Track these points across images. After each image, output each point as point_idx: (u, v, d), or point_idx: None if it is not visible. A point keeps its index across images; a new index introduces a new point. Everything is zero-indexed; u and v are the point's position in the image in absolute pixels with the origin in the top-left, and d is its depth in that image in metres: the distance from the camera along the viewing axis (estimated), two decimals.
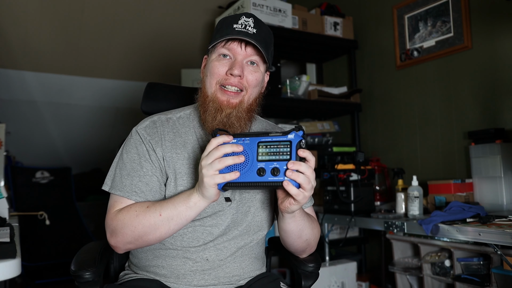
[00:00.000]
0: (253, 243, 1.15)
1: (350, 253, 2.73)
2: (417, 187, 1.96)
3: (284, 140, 0.92)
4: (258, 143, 0.93)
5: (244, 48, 1.07)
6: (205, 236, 1.08)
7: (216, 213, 1.09)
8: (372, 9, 2.78)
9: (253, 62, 1.09)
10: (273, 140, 0.92)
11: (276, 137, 0.93)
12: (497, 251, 1.56)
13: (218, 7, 3.09)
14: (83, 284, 1.05)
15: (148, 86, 1.43)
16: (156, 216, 0.98)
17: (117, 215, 1.03)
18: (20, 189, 3.67)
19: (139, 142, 1.10)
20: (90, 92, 3.89)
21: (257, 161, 0.92)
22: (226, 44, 1.07)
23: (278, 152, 0.91)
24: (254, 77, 1.08)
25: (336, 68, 3.09)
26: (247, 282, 1.14)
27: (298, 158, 0.90)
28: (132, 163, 1.07)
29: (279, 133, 0.93)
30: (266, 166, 0.91)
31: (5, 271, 0.89)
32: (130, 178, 1.06)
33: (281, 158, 0.90)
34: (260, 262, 1.20)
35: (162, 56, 3.78)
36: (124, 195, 1.05)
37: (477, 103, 2.15)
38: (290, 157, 0.90)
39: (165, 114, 1.17)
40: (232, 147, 0.92)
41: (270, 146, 0.92)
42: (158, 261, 1.10)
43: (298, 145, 0.91)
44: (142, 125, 1.13)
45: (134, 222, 1.00)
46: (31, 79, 3.60)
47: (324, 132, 2.81)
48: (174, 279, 1.08)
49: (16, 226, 1.49)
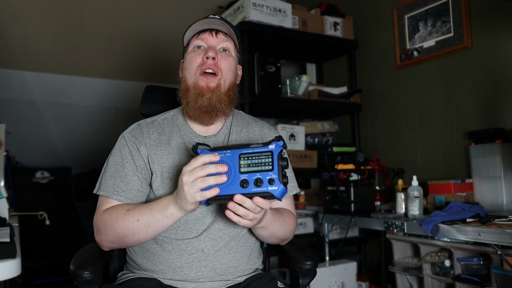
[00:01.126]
0: (244, 231, 1.18)
1: (350, 253, 2.73)
2: (417, 187, 1.96)
3: (265, 151, 0.93)
4: (240, 155, 0.94)
5: (215, 35, 1.18)
6: (198, 226, 1.12)
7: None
8: (372, 9, 2.78)
9: (225, 49, 1.19)
10: (255, 152, 0.93)
11: (257, 148, 0.94)
12: (497, 251, 1.56)
13: (218, 7, 3.09)
14: (82, 283, 1.06)
15: (146, 89, 1.47)
16: (134, 221, 1.03)
17: (101, 215, 1.10)
18: (20, 189, 3.67)
19: (123, 145, 1.17)
20: (90, 92, 3.89)
21: (239, 173, 0.93)
22: (199, 35, 1.18)
23: (260, 163, 0.92)
24: (227, 61, 1.17)
25: (336, 68, 3.09)
26: (245, 280, 1.14)
27: (280, 167, 0.91)
28: (116, 165, 1.14)
29: (259, 144, 0.94)
30: (249, 178, 0.92)
31: (5, 271, 0.89)
32: (113, 179, 1.13)
33: (264, 169, 0.91)
34: (255, 255, 1.22)
35: (162, 56, 3.78)
36: (107, 195, 1.12)
37: (477, 103, 2.15)
38: (272, 167, 0.91)
39: (151, 118, 1.26)
40: (217, 167, 0.93)
41: (252, 157, 0.93)
42: (155, 257, 1.12)
43: (279, 155, 0.92)
44: (128, 129, 1.22)
45: (114, 223, 1.05)
46: (31, 79, 3.60)
47: (324, 132, 2.81)
48: (171, 273, 1.10)
49: (16, 226, 1.49)
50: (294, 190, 1.28)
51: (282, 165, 0.92)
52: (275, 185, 0.90)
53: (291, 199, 1.29)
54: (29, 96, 3.73)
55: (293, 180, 1.29)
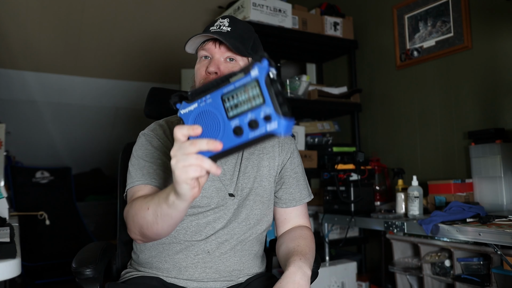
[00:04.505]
0: (252, 237, 1.17)
1: (350, 253, 2.73)
2: (417, 187, 1.96)
3: (249, 81, 0.70)
4: (222, 97, 0.74)
5: (219, 46, 1.11)
6: (208, 230, 1.11)
7: (219, 207, 1.12)
8: (372, 9, 2.78)
9: (231, 59, 1.12)
10: (237, 87, 0.72)
11: (238, 80, 0.72)
12: (497, 251, 1.56)
13: (218, 7, 3.09)
14: (84, 281, 1.07)
15: (151, 91, 1.47)
16: (145, 209, 0.94)
17: (127, 207, 1.04)
18: (20, 189, 3.68)
19: (146, 141, 1.14)
20: (90, 92, 3.90)
21: (228, 119, 0.73)
22: (203, 45, 1.13)
23: (248, 98, 0.71)
24: None
25: (336, 68, 3.09)
26: (246, 280, 1.15)
27: (273, 94, 0.69)
28: (141, 159, 1.11)
29: (240, 74, 0.72)
30: (241, 121, 0.72)
31: (5, 271, 0.89)
32: (140, 170, 1.08)
33: (254, 105, 0.70)
34: (259, 260, 1.22)
35: (162, 56, 3.78)
36: (142, 183, 1.06)
37: (477, 103, 2.15)
38: (263, 99, 0.69)
39: (170, 118, 1.23)
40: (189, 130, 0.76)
41: (236, 95, 0.72)
42: (161, 256, 1.12)
43: (267, 79, 0.69)
44: (149, 129, 1.18)
45: (132, 213, 0.99)
46: (31, 79, 3.60)
47: (324, 132, 2.81)
48: (176, 272, 1.10)
49: (16, 226, 1.50)
50: (307, 197, 1.25)
51: (275, 91, 0.69)
52: (273, 120, 0.68)
53: (305, 207, 1.24)
54: (29, 96, 3.73)
55: (306, 187, 1.26)
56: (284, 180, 1.22)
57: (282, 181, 1.22)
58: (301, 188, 1.23)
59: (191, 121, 0.78)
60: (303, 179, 1.26)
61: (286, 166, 1.22)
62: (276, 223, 1.26)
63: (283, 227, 1.23)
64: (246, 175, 1.16)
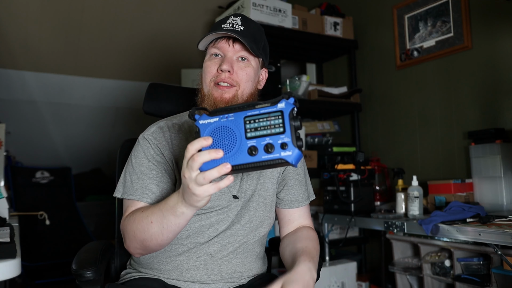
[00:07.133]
0: (254, 239, 1.16)
1: (350, 253, 2.72)
2: (417, 187, 1.96)
3: (274, 111, 0.79)
4: (245, 118, 0.80)
5: (232, 44, 1.10)
6: (211, 232, 1.10)
7: (222, 209, 1.11)
8: (372, 9, 2.78)
9: (243, 58, 1.11)
10: (262, 113, 0.79)
11: (264, 108, 0.79)
12: (497, 251, 1.56)
13: (218, 7, 3.09)
14: (84, 283, 1.05)
15: (150, 87, 1.44)
16: (148, 223, 0.96)
17: (124, 221, 1.05)
18: (20, 189, 3.67)
19: (147, 146, 1.11)
20: (90, 92, 3.89)
21: (246, 139, 0.79)
22: (216, 43, 1.11)
23: (269, 125, 0.78)
24: (244, 72, 1.10)
25: (336, 68, 3.09)
26: (248, 281, 1.15)
27: (293, 128, 0.78)
28: (141, 166, 1.09)
29: (267, 103, 0.80)
30: (257, 143, 0.78)
31: (5, 271, 0.89)
32: (140, 182, 1.07)
33: (274, 132, 0.78)
34: (261, 262, 1.21)
35: (162, 56, 3.78)
36: (136, 198, 1.06)
37: (477, 103, 2.15)
38: (283, 129, 0.77)
39: (170, 119, 1.20)
40: (210, 153, 0.78)
41: (259, 119, 0.79)
42: (162, 257, 1.11)
43: (291, 114, 0.78)
44: (149, 131, 1.14)
45: (133, 227, 1.00)
46: (31, 79, 3.60)
47: (324, 132, 2.81)
48: (177, 274, 1.09)
49: (16, 226, 1.49)
50: (310, 198, 1.26)
51: (295, 126, 0.78)
52: (289, 149, 0.77)
53: (308, 208, 1.25)
54: (29, 96, 3.72)
55: (309, 187, 1.27)
56: (286, 181, 1.22)
57: (284, 182, 1.22)
58: (304, 189, 1.23)
59: (207, 132, 0.82)
60: (306, 180, 1.26)
61: (289, 167, 1.22)
62: (280, 223, 1.25)
63: (287, 227, 1.23)
64: (250, 177, 1.16)
